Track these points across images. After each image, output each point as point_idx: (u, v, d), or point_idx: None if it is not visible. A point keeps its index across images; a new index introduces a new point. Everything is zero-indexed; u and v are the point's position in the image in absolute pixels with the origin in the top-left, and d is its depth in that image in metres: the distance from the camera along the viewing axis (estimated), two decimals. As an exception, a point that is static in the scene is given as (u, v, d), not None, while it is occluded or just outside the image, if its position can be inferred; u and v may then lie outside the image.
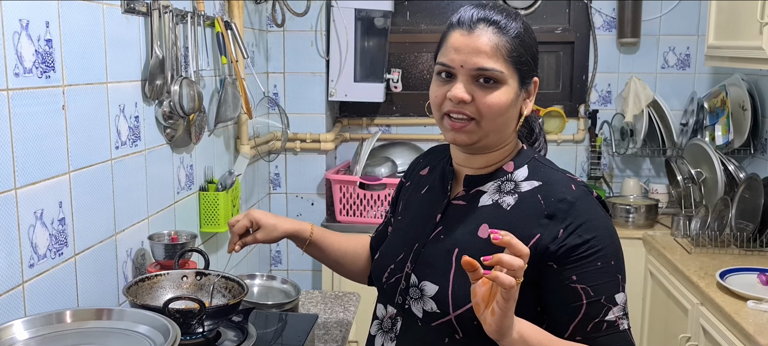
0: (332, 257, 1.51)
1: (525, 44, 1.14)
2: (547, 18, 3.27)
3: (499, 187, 1.18)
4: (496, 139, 1.17)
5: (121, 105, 1.66)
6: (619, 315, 1.10)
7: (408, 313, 1.20)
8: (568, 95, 3.32)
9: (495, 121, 1.13)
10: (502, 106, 1.12)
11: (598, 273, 1.09)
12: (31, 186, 1.30)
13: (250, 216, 1.44)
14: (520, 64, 1.13)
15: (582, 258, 1.09)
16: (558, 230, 1.10)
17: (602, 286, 1.09)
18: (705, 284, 2.20)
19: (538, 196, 1.14)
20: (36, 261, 1.33)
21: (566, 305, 1.10)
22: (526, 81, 1.16)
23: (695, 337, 2.23)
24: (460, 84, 1.12)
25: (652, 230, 2.92)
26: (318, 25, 3.01)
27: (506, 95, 1.12)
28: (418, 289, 1.18)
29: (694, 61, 3.23)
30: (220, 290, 1.56)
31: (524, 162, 1.20)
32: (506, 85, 1.12)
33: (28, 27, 1.28)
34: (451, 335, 1.15)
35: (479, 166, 1.21)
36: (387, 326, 1.25)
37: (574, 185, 1.15)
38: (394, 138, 3.32)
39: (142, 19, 1.75)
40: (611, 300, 1.09)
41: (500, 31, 1.12)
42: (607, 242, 1.11)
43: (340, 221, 2.98)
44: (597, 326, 1.09)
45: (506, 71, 1.12)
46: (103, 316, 1.14)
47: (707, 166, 2.88)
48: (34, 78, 1.31)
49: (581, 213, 1.10)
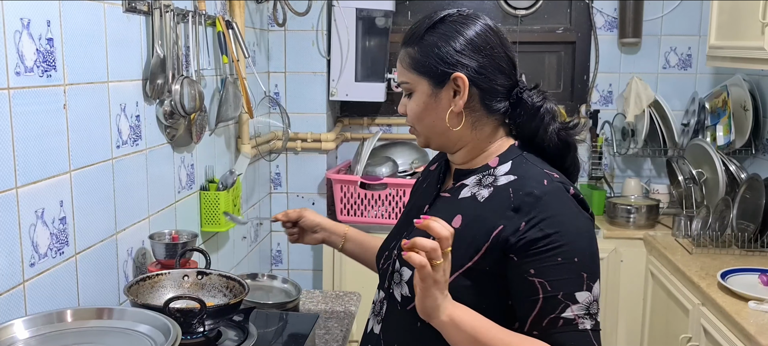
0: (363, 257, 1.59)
1: (431, 48, 1.19)
2: (549, 18, 3.27)
3: (479, 180, 1.22)
4: (445, 138, 1.24)
5: (122, 104, 1.66)
6: (579, 314, 1.07)
7: (392, 297, 1.27)
8: (570, 95, 3.32)
9: (421, 124, 1.24)
10: (416, 111, 1.23)
11: (557, 269, 1.08)
12: (32, 185, 1.30)
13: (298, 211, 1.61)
14: (425, 68, 1.20)
15: (541, 252, 1.09)
16: (521, 222, 1.11)
17: (561, 282, 1.08)
18: (706, 284, 2.20)
19: (509, 189, 1.17)
20: (37, 260, 1.33)
21: (524, 298, 1.10)
22: (441, 81, 1.19)
23: (696, 337, 2.23)
24: (401, 100, 1.28)
25: (653, 230, 2.92)
26: (319, 25, 3.01)
27: (416, 101, 1.23)
28: (399, 274, 1.24)
29: (695, 61, 3.23)
30: (222, 290, 1.56)
31: (510, 158, 1.22)
32: (416, 92, 1.23)
33: (30, 26, 1.28)
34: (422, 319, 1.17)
35: (460, 162, 1.27)
36: (377, 310, 1.32)
37: (548, 181, 1.15)
38: (395, 138, 3.32)
39: (143, 18, 1.75)
40: (570, 297, 1.08)
41: (406, 45, 1.23)
42: (571, 239, 1.09)
43: (340, 220, 2.97)
44: (553, 322, 1.08)
45: (411, 80, 1.22)
46: (104, 315, 1.14)
47: (708, 167, 2.88)
48: (36, 77, 1.31)
49: (547, 208, 1.11)
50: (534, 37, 3.26)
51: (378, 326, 1.30)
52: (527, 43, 3.25)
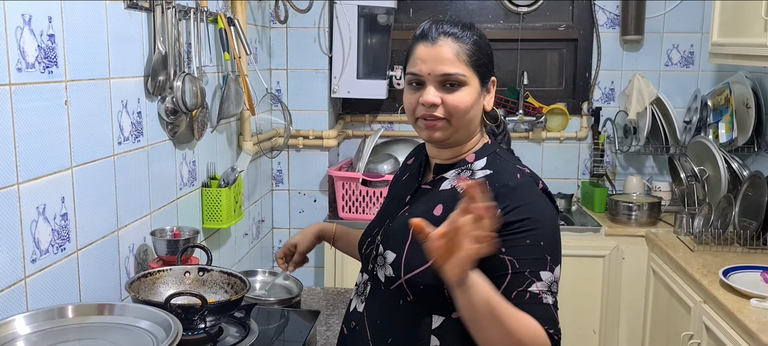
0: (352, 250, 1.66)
1: (481, 49, 1.30)
2: (551, 15, 3.26)
3: (458, 174, 1.33)
4: (465, 134, 1.32)
5: (124, 101, 1.66)
6: (542, 289, 1.18)
7: (375, 278, 1.35)
8: (571, 93, 3.31)
9: (463, 119, 1.29)
10: (467, 105, 1.28)
11: (525, 248, 1.19)
12: (33, 181, 1.30)
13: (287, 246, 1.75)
14: (478, 66, 1.29)
15: (512, 233, 1.19)
16: (496, 209, 1.18)
17: (528, 261, 1.18)
18: (708, 282, 2.20)
19: (486, 182, 1.25)
20: (38, 256, 1.33)
21: (494, 273, 1.18)
22: (485, 81, 1.32)
23: (698, 335, 2.23)
24: (430, 89, 1.27)
25: (655, 227, 2.91)
26: (321, 22, 3.00)
27: (469, 95, 1.28)
28: (382, 257, 1.33)
29: (697, 58, 3.22)
30: (223, 286, 1.56)
31: (485, 154, 1.34)
32: (469, 86, 1.28)
33: (31, 22, 1.28)
34: (403, 297, 1.29)
35: (446, 157, 1.36)
36: (360, 291, 1.40)
37: (520, 174, 1.28)
38: (396, 135, 3.32)
39: (145, 15, 1.75)
40: (535, 275, 1.18)
41: (458, 41, 1.28)
42: (539, 225, 1.21)
43: (342, 217, 2.97)
44: (520, 295, 1.17)
45: (467, 74, 1.27)
46: (105, 311, 1.14)
47: (710, 164, 2.87)
48: (37, 73, 1.31)
49: (520, 197, 1.23)
50: (536, 34, 3.26)
51: (362, 305, 1.38)
52: (529, 41, 3.24)
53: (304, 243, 1.73)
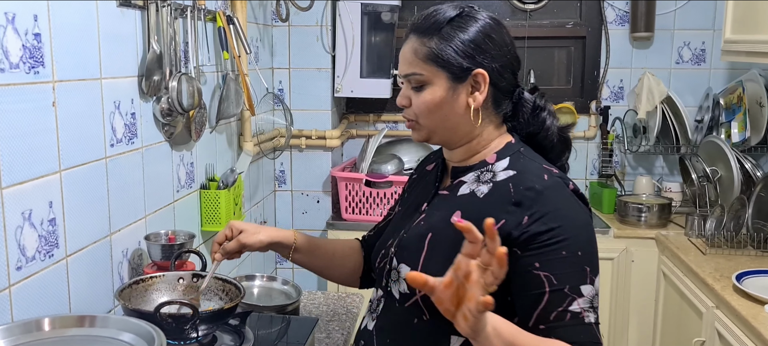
0: (319, 262, 1.50)
1: (449, 41, 1.17)
2: (558, 12, 3.20)
3: (478, 177, 1.22)
4: (452, 134, 1.22)
5: (117, 101, 1.61)
6: (584, 307, 1.07)
7: (389, 294, 1.26)
8: (579, 91, 3.25)
9: (430, 118, 1.20)
10: (430, 104, 1.19)
11: (562, 262, 1.08)
12: (17, 186, 1.26)
13: (230, 225, 1.44)
14: (443, 61, 1.17)
15: (545, 245, 1.08)
16: (523, 216, 1.11)
17: (566, 275, 1.07)
18: (720, 286, 2.14)
19: (509, 184, 1.16)
20: (24, 263, 1.28)
21: (528, 291, 1.09)
22: (458, 76, 1.18)
23: (710, 341, 2.16)
24: (402, 90, 1.24)
25: (666, 229, 2.84)
26: (323, 20, 2.95)
27: (432, 94, 1.18)
28: (396, 271, 1.23)
29: (709, 56, 3.15)
30: (217, 293, 1.51)
31: (507, 154, 1.22)
32: (432, 85, 1.18)
33: (14, 21, 1.23)
34: (419, 315, 1.19)
35: (458, 159, 1.26)
36: (373, 307, 1.31)
37: (547, 176, 1.15)
38: (401, 135, 3.27)
39: (139, 13, 1.70)
40: (576, 291, 1.07)
41: (421, 35, 1.19)
42: (574, 233, 1.10)
43: (345, 218, 2.92)
44: (560, 316, 1.06)
45: (427, 72, 1.18)
46: (86, 323, 1.09)
47: (723, 165, 2.80)
48: (22, 73, 1.26)
49: (548, 202, 1.11)
50: (543, 32, 3.19)
51: (372, 323, 1.30)
52: (536, 39, 3.18)
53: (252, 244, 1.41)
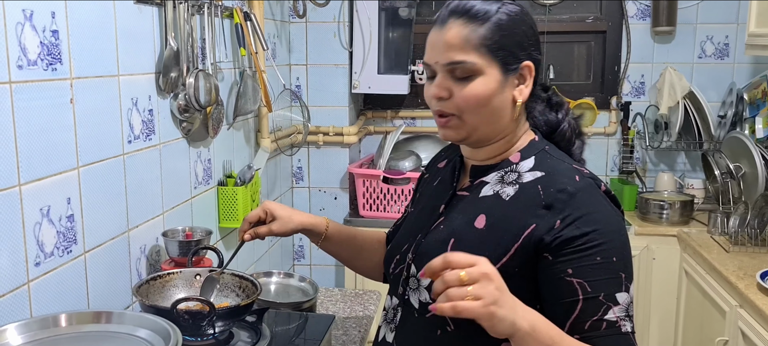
0: (348, 252, 1.49)
1: (503, 29, 1.09)
2: (578, 7, 3.16)
3: (501, 177, 1.16)
4: (491, 131, 1.14)
5: (134, 98, 1.61)
6: (620, 316, 1.02)
7: (407, 304, 1.19)
8: (600, 86, 3.21)
9: (478, 114, 1.10)
10: (480, 98, 1.09)
11: (596, 269, 1.03)
12: (36, 182, 1.26)
13: (264, 206, 1.43)
14: (497, 51, 1.09)
15: (579, 251, 1.03)
16: (555, 220, 1.05)
17: (601, 282, 1.02)
18: (744, 285, 2.10)
19: (538, 186, 1.10)
20: (42, 259, 1.29)
21: (561, 299, 1.04)
22: (510, 68, 1.11)
23: (733, 340, 2.13)
24: (437, 81, 1.11)
25: (688, 227, 2.80)
26: (341, 16, 2.94)
27: (484, 86, 1.09)
28: (415, 279, 1.17)
29: (733, 50, 3.09)
30: (234, 289, 1.51)
31: (532, 153, 1.16)
32: (484, 76, 1.09)
33: (32, 18, 1.24)
34: (443, 326, 1.12)
35: (483, 157, 1.18)
36: (390, 317, 1.24)
37: (579, 176, 1.10)
38: (418, 131, 3.25)
39: (156, 10, 1.71)
40: (611, 299, 1.02)
41: (471, 21, 1.09)
42: (609, 237, 1.04)
43: (363, 215, 2.92)
44: (595, 325, 1.02)
45: (480, 61, 1.08)
46: (102, 319, 1.09)
47: (747, 161, 2.75)
48: (40, 70, 1.27)
49: (581, 205, 1.05)
50: (563, 26, 3.15)
51: (391, 335, 1.22)
52: (556, 33, 3.14)
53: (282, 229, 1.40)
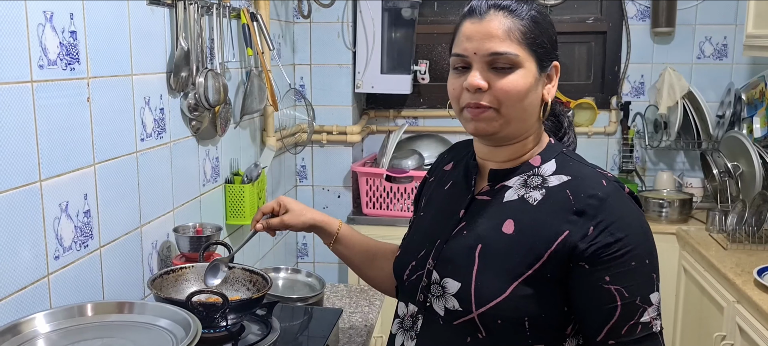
0: (360, 258, 1.46)
1: (540, 26, 1.11)
2: (579, 8, 3.20)
3: (525, 181, 1.14)
4: (519, 129, 1.13)
5: (147, 97, 1.65)
6: (653, 316, 1.07)
7: (429, 311, 1.16)
8: (600, 86, 3.25)
9: (515, 107, 1.09)
10: (520, 90, 1.08)
11: (632, 273, 1.05)
12: (55, 178, 1.30)
13: (279, 200, 1.46)
14: (536, 46, 1.10)
15: (615, 258, 1.05)
16: (588, 227, 1.06)
17: (637, 286, 1.05)
18: (742, 281, 2.14)
19: (566, 191, 1.10)
20: (61, 253, 1.33)
21: (600, 306, 1.06)
22: (544, 65, 1.12)
23: (731, 336, 2.17)
24: (475, 72, 1.09)
25: (687, 225, 2.84)
26: (344, 16, 2.98)
27: (524, 78, 1.09)
28: (439, 286, 1.14)
29: (731, 51, 3.13)
30: (245, 284, 1.55)
31: (552, 156, 1.16)
32: (523, 69, 1.09)
33: (52, 19, 1.28)
34: (473, 334, 1.11)
35: (503, 159, 1.17)
36: (408, 325, 1.21)
37: (605, 181, 1.10)
38: (421, 130, 3.29)
39: (167, 11, 1.75)
40: (646, 301, 1.06)
41: (511, 15, 1.09)
42: (640, 240, 1.07)
43: (366, 213, 2.96)
44: (632, 329, 1.05)
45: (521, 54, 1.08)
46: (125, 309, 1.14)
47: (745, 160, 2.79)
48: (59, 70, 1.31)
49: (613, 210, 1.06)
50: (563, 27, 3.19)
51: (411, 342, 1.18)
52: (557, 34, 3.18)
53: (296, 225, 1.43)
